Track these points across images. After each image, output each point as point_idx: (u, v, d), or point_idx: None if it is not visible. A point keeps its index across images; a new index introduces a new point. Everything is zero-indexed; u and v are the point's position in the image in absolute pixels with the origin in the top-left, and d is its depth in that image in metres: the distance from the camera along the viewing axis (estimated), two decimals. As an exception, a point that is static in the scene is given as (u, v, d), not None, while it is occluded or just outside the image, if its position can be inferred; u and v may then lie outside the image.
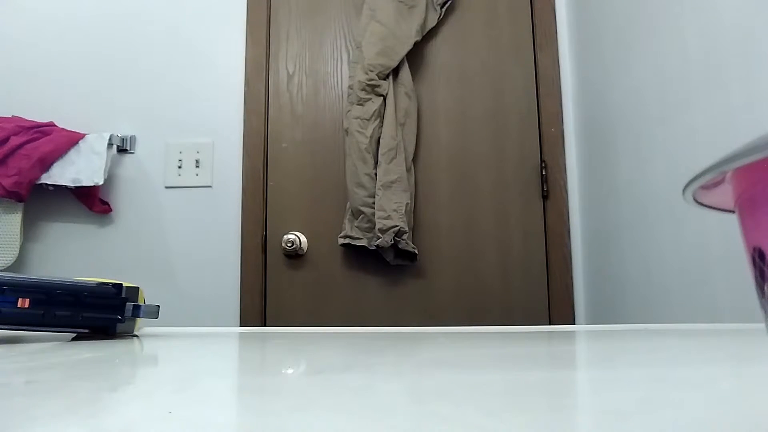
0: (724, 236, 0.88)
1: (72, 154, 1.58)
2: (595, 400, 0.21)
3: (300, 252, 1.61)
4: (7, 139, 1.55)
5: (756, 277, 0.15)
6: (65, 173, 1.57)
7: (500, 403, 0.19)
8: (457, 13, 1.70)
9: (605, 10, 1.41)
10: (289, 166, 1.66)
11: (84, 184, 1.56)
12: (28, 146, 1.55)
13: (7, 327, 0.40)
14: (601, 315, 1.45)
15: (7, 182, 1.51)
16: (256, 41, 1.71)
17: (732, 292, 0.86)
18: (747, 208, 0.15)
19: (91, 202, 1.62)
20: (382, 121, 1.55)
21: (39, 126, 1.60)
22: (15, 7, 1.78)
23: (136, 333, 0.48)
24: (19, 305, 0.40)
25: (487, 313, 1.56)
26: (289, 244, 1.57)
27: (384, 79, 1.57)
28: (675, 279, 1.04)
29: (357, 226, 1.53)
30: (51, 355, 0.34)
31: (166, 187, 1.66)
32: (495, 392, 0.21)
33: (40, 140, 1.57)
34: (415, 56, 1.65)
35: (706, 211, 0.18)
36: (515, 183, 1.62)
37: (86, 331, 0.44)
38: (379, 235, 1.46)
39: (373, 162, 1.53)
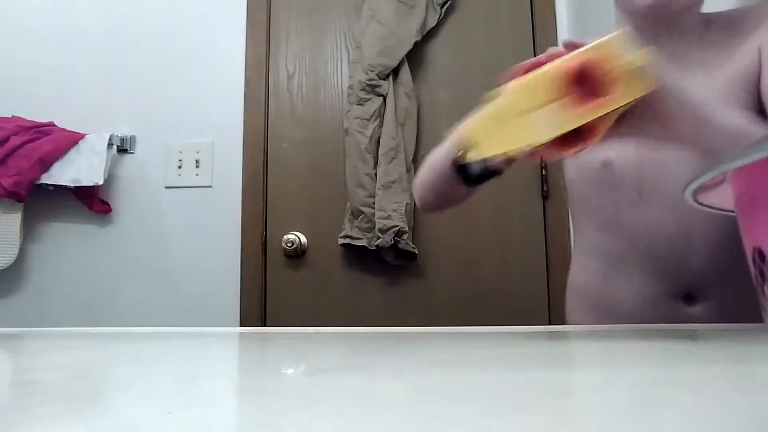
0: (724, 236, 0.88)
1: (72, 154, 1.58)
2: (595, 400, 0.20)
3: (300, 252, 1.60)
4: (7, 139, 1.55)
5: (756, 277, 0.15)
6: (65, 173, 1.57)
7: (500, 403, 0.19)
8: (457, 13, 1.70)
9: (605, 10, 1.40)
10: (289, 166, 1.66)
11: (84, 184, 1.56)
12: (28, 146, 1.55)
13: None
14: (601, 315, 1.45)
15: (7, 182, 1.51)
16: (256, 41, 1.71)
17: (732, 292, 0.86)
18: (747, 208, 0.15)
19: (91, 202, 1.62)
20: (382, 121, 1.55)
21: (39, 126, 1.60)
22: (15, 7, 1.78)
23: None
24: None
25: (487, 313, 1.56)
26: (289, 244, 1.57)
27: (384, 79, 1.57)
28: (675, 279, 1.04)
29: (357, 226, 1.53)
30: (51, 355, 0.34)
31: (166, 187, 1.66)
32: (495, 392, 0.21)
33: (40, 140, 1.57)
34: (415, 56, 1.65)
35: (706, 211, 0.18)
36: (515, 183, 1.62)
37: None
38: (379, 235, 1.46)
39: (373, 162, 1.53)
